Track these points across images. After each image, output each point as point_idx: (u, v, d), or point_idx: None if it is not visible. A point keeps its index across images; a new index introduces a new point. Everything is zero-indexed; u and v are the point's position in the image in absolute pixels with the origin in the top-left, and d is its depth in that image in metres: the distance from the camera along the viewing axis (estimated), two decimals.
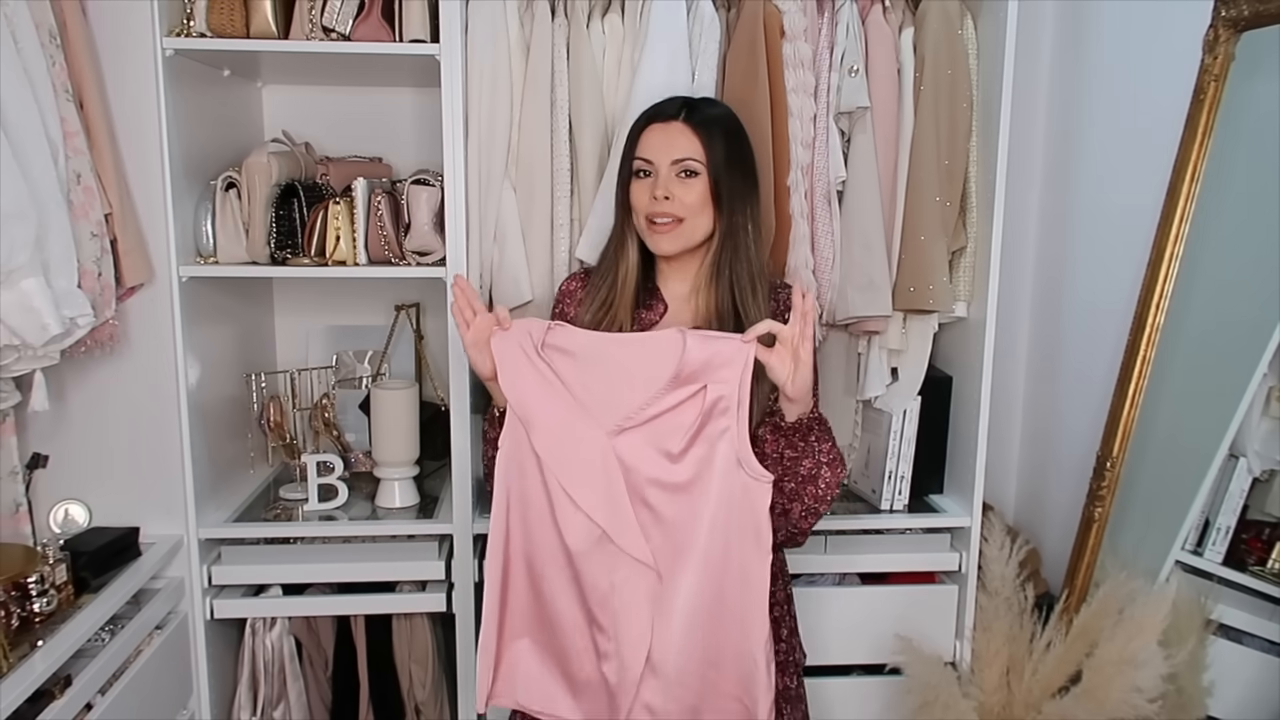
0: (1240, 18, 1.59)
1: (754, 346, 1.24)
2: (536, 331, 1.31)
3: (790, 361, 1.24)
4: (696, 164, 1.39)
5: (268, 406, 2.08)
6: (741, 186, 1.42)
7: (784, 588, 1.53)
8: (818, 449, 1.32)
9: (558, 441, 1.30)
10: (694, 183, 1.40)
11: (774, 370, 1.24)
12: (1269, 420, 1.63)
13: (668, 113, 1.43)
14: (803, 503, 1.33)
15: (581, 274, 1.56)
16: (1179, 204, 1.66)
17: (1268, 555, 1.63)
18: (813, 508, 1.33)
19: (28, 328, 1.46)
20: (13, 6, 1.46)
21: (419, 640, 2.00)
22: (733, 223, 1.41)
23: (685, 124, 1.41)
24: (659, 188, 1.39)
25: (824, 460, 1.32)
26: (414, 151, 2.19)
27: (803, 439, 1.32)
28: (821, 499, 1.33)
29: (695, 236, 1.42)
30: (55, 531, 1.76)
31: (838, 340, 1.94)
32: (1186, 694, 1.59)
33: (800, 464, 1.32)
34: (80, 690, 1.50)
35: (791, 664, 1.51)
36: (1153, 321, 1.70)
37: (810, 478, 1.32)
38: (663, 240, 1.41)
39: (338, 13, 1.75)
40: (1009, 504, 2.31)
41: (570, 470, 1.29)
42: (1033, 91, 2.14)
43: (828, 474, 1.32)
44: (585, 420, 1.29)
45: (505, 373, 1.31)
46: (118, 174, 1.68)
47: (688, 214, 1.39)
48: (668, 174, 1.40)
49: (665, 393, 1.26)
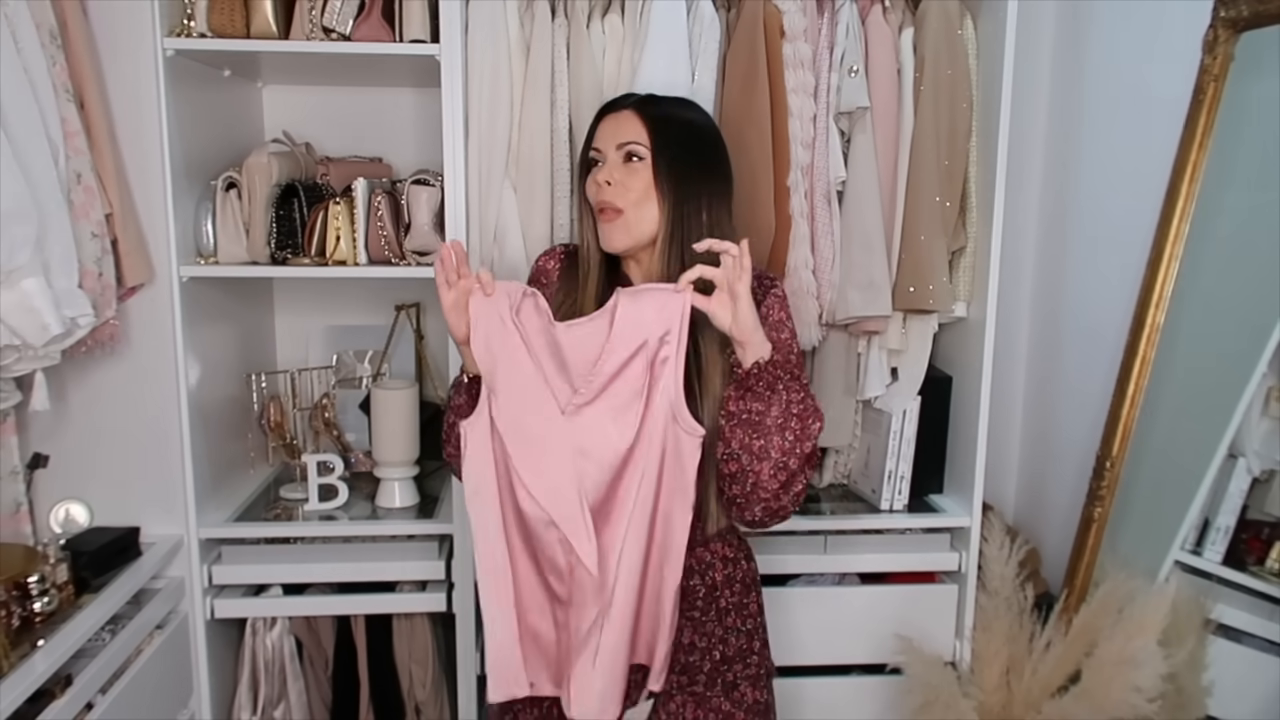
0: (1240, 18, 1.59)
1: (688, 294, 1.21)
2: (514, 296, 1.28)
3: (730, 303, 1.20)
4: (640, 148, 1.33)
5: (268, 406, 2.08)
6: (695, 177, 1.34)
7: (757, 599, 1.48)
8: (785, 397, 1.23)
9: (516, 417, 1.26)
10: (639, 168, 1.33)
11: (715, 316, 1.21)
12: (1268, 420, 1.63)
13: (621, 103, 1.40)
14: (770, 459, 1.23)
15: (561, 251, 1.50)
16: (1178, 204, 1.66)
17: (1267, 555, 1.63)
18: (781, 462, 1.23)
19: (28, 328, 1.46)
20: (13, 6, 1.46)
21: (419, 640, 2.00)
22: (681, 213, 1.33)
23: (633, 111, 1.37)
24: (602, 172, 1.35)
25: (793, 411, 1.23)
26: (414, 151, 2.19)
27: (768, 388, 1.23)
28: (790, 452, 1.23)
29: (642, 229, 1.34)
30: (56, 531, 1.76)
31: (838, 340, 1.94)
32: (1186, 694, 1.59)
33: (766, 415, 1.23)
34: (81, 690, 1.50)
35: (764, 675, 1.47)
36: (1152, 321, 1.70)
37: (777, 428, 1.23)
38: (609, 231, 1.35)
39: (338, 13, 1.75)
40: (1009, 504, 2.31)
41: (524, 451, 1.26)
42: (1033, 91, 2.14)
43: (796, 425, 1.23)
44: (547, 399, 1.26)
45: (477, 337, 1.27)
46: (118, 174, 1.68)
47: (627, 205, 1.33)
48: (614, 159, 1.35)
49: (606, 355, 1.23)
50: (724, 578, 1.41)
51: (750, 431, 1.24)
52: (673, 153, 1.34)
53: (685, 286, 1.21)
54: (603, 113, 1.41)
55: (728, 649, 1.41)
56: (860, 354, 1.95)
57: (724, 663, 1.41)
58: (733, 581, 1.43)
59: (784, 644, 1.90)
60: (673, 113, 1.40)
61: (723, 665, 1.40)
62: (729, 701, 1.41)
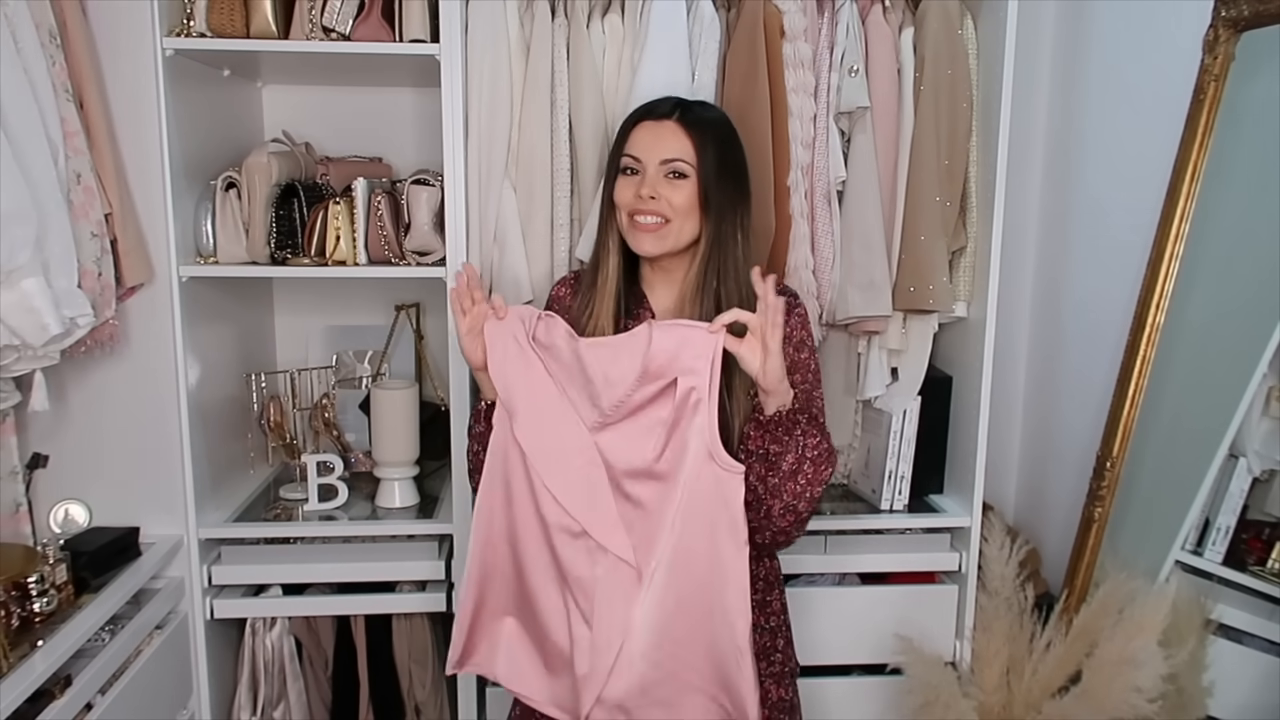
0: (1240, 18, 1.59)
1: (721, 336, 1.22)
2: (529, 321, 1.31)
3: (760, 351, 1.22)
4: (686, 166, 1.35)
5: (268, 406, 2.08)
6: (732, 194, 1.37)
7: (780, 596, 1.50)
8: (802, 443, 1.27)
9: (539, 434, 1.30)
10: (682, 185, 1.35)
11: (745, 360, 1.23)
12: (1269, 420, 1.63)
13: (660, 111, 1.39)
14: (782, 500, 1.28)
15: (571, 278, 1.53)
16: (1179, 204, 1.66)
17: (1268, 555, 1.63)
18: (791, 505, 1.28)
19: (28, 328, 1.46)
20: (13, 6, 1.46)
21: (419, 640, 2.00)
22: (720, 231, 1.36)
23: (678, 124, 1.36)
24: (645, 186, 1.35)
25: (807, 456, 1.27)
26: (414, 151, 2.19)
27: (786, 433, 1.27)
28: (801, 495, 1.28)
29: (681, 240, 1.37)
30: (55, 531, 1.76)
31: (838, 340, 1.94)
32: (1186, 694, 1.59)
33: (783, 459, 1.27)
34: (80, 690, 1.50)
35: (788, 673, 1.49)
36: (1153, 321, 1.70)
37: (790, 474, 1.27)
38: (645, 240, 1.36)
39: (338, 13, 1.75)
40: (1009, 504, 2.31)
41: (550, 465, 1.29)
42: (1033, 91, 2.14)
43: (809, 470, 1.27)
44: (569, 415, 1.29)
45: (494, 360, 1.31)
46: (118, 174, 1.68)
47: (675, 215, 1.35)
48: (655, 173, 1.36)
49: (636, 388, 1.25)
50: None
51: (766, 468, 1.28)
52: (718, 171, 1.36)
53: (719, 328, 1.23)
54: (639, 117, 1.40)
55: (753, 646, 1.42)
56: (860, 354, 1.95)
57: None
58: (755, 579, 1.43)
59: None
60: (712, 126, 1.40)
61: None
62: None
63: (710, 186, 1.35)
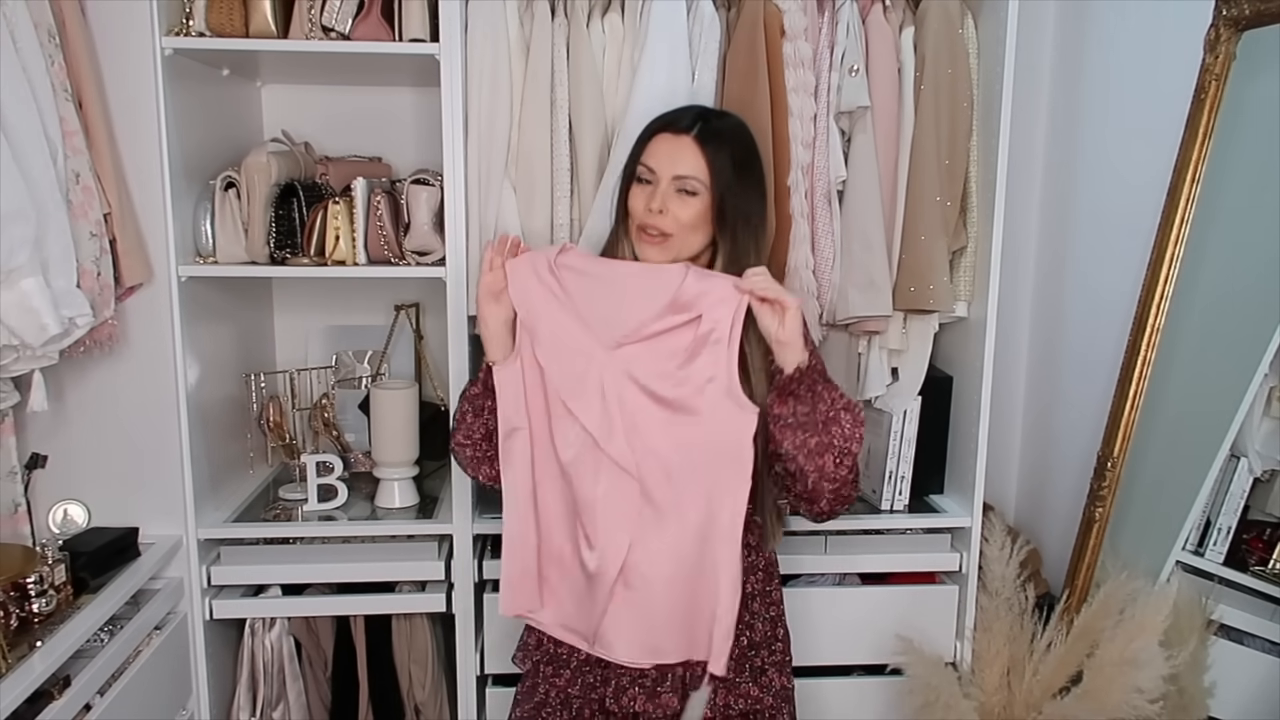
0: (1241, 17, 1.59)
1: (747, 297, 1.29)
2: (550, 253, 1.38)
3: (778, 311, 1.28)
4: (698, 184, 1.37)
5: (267, 406, 2.08)
6: (747, 208, 1.40)
7: (778, 588, 1.53)
8: (829, 396, 1.32)
9: (559, 352, 1.36)
10: (691, 201, 1.37)
11: (762, 317, 1.28)
12: (1270, 420, 1.63)
13: (681, 124, 1.40)
14: (834, 449, 1.30)
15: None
16: (1180, 204, 1.66)
17: (1269, 555, 1.63)
18: (844, 448, 1.31)
19: (27, 328, 1.46)
20: (11, 6, 1.45)
21: (419, 641, 2.00)
22: (738, 247, 1.39)
23: (695, 141, 1.38)
24: (655, 200, 1.37)
25: (840, 405, 1.31)
26: (414, 151, 2.19)
27: (809, 389, 1.30)
28: (850, 438, 1.31)
29: (684, 252, 1.40)
30: (54, 532, 1.76)
31: (838, 340, 1.94)
32: (1187, 694, 1.59)
33: (815, 411, 1.31)
34: (79, 691, 1.49)
35: (788, 663, 1.52)
36: (1153, 322, 1.70)
37: (832, 419, 1.31)
38: (650, 250, 1.40)
39: (337, 12, 1.75)
40: (1009, 504, 2.31)
41: (568, 379, 1.35)
42: (1033, 91, 2.14)
43: (847, 417, 1.31)
44: (587, 334, 1.35)
45: (515, 287, 1.37)
46: (117, 174, 1.68)
47: (677, 231, 1.37)
48: (667, 188, 1.37)
49: (662, 315, 1.32)
50: (747, 565, 1.43)
51: (802, 432, 1.31)
52: (734, 186, 1.38)
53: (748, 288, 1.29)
54: (660, 128, 1.42)
55: (754, 634, 1.45)
56: (861, 354, 1.94)
57: (751, 648, 1.45)
58: (755, 569, 1.46)
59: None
60: (730, 142, 1.41)
61: (750, 651, 1.45)
62: (757, 686, 1.45)
63: (726, 201, 1.38)
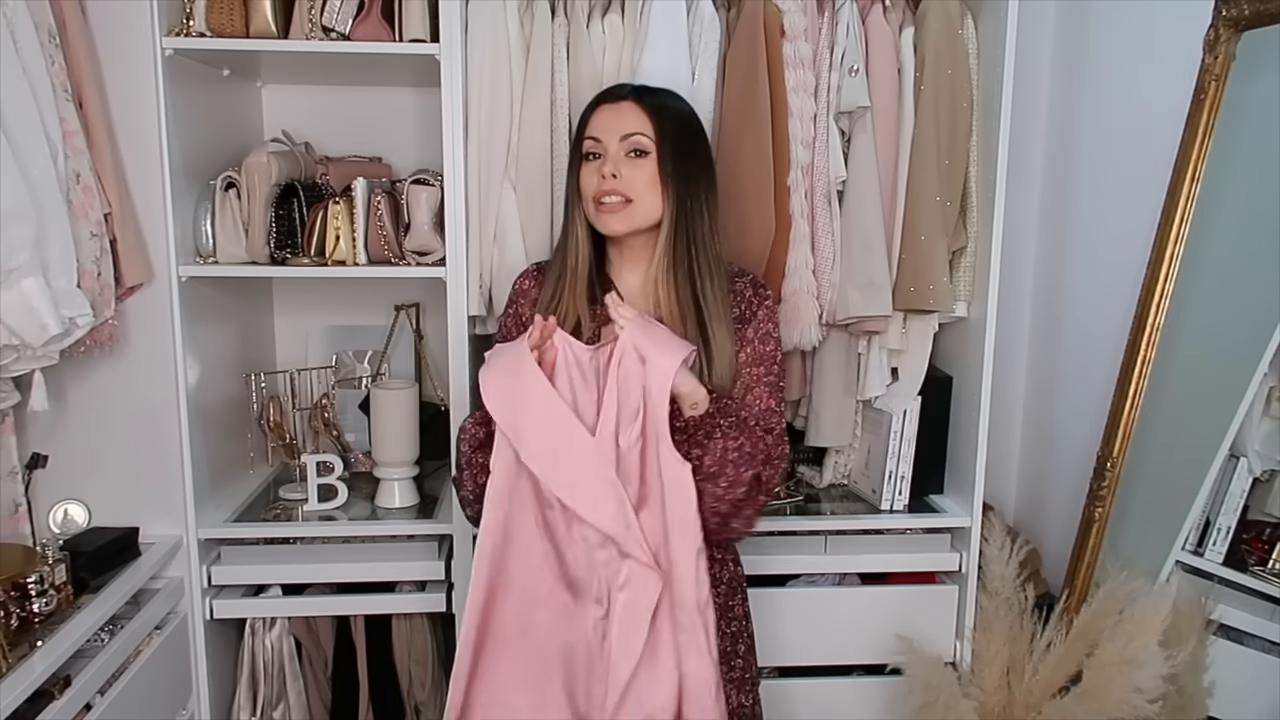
0: (1241, 17, 1.59)
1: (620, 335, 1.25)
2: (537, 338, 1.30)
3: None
4: (646, 140, 1.36)
5: (267, 406, 2.08)
6: (695, 172, 1.38)
7: (743, 602, 1.49)
8: (720, 446, 1.30)
9: (547, 450, 1.26)
10: (643, 163, 1.36)
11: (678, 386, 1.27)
12: (1269, 420, 1.63)
13: (618, 93, 1.41)
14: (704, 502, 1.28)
15: (534, 270, 1.52)
16: (1179, 204, 1.66)
17: (1268, 555, 1.63)
18: (714, 508, 1.29)
19: (27, 327, 1.46)
20: (12, 6, 1.45)
21: (419, 640, 2.00)
22: (686, 208, 1.37)
23: (635, 103, 1.38)
24: (608, 165, 1.36)
25: (729, 459, 1.29)
26: (414, 151, 2.19)
27: (706, 436, 1.32)
28: (722, 499, 1.29)
29: (646, 218, 1.38)
30: (55, 531, 1.76)
31: (838, 340, 1.94)
32: (1187, 694, 1.59)
33: (702, 461, 1.29)
34: (79, 690, 1.49)
35: (749, 680, 1.48)
36: (1153, 321, 1.70)
37: (711, 475, 1.29)
38: (611, 220, 1.37)
39: (337, 12, 1.75)
40: (1009, 504, 2.31)
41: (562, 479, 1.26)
42: (1033, 91, 2.14)
43: (730, 472, 1.29)
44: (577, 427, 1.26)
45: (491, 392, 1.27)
46: (117, 174, 1.68)
47: (636, 195, 1.36)
48: (616, 151, 1.36)
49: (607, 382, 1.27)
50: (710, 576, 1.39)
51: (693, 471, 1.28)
52: (675, 145, 1.37)
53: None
54: (597, 103, 1.42)
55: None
56: (860, 354, 1.94)
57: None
58: (718, 583, 1.43)
59: (784, 645, 1.91)
60: (670, 104, 1.42)
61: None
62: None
63: (670, 162, 1.36)
